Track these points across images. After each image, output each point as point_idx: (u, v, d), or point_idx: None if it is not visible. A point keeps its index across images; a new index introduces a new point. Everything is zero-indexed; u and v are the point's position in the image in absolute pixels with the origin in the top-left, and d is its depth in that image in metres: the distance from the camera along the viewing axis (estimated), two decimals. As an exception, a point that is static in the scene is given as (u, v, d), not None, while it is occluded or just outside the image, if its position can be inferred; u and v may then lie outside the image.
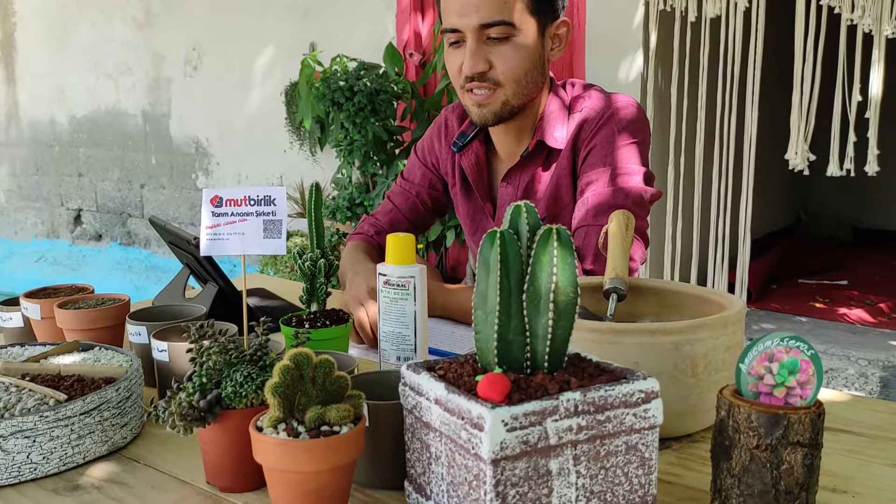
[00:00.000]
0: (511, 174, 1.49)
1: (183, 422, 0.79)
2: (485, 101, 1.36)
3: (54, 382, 0.97)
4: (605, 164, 1.39)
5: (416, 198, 1.63)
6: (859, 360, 3.14)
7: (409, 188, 1.64)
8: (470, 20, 1.31)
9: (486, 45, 1.33)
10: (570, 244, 0.72)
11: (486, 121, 1.40)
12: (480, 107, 1.37)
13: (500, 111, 1.38)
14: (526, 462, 0.67)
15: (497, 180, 1.54)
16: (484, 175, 1.54)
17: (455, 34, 1.34)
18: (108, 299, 1.27)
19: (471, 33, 1.32)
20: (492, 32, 1.32)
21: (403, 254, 1.08)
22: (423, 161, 1.64)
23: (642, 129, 1.44)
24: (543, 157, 1.46)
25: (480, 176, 1.53)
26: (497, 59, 1.34)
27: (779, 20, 3.44)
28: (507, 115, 1.39)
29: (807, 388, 0.72)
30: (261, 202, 0.92)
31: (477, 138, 1.52)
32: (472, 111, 1.40)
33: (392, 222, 1.63)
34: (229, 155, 5.10)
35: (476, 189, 1.53)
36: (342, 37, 4.35)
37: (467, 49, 1.33)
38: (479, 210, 1.57)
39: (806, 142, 3.12)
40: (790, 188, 5.52)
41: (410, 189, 1.64)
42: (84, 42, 5.67)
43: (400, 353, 1.10)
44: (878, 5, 2.89)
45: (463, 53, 1.34)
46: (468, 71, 1.34)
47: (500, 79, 1.35)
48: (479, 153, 1.52)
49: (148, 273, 5.35)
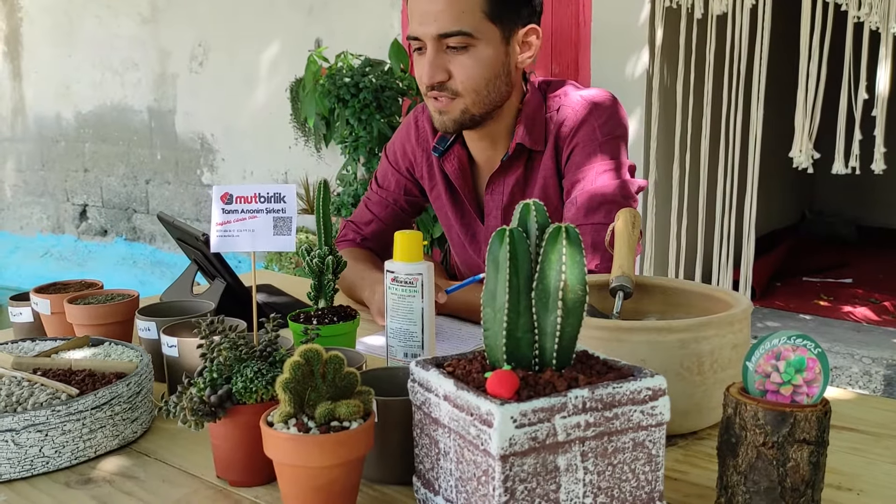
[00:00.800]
0: (494, 181, 1.48)
1: (194, 416, 0.80)
2: (444, 108, 1.37)
3: (65, 377, 0.97)
4: (590, 162, 1.39)
5: (395, 205, 1.63)
6: (863, 359, 3.14)
7: (385, 196, 1.63)
8: (428, 29, 1.31)
9: (444, 55, 1.33)
10: (579, 242, 0.72)
11: (446, 128, 1.40)
12: (441, 114, 1.38)
13: (460, 119, 1.38)
14: (534, 458, 0.68)
15: (479, 186, 1.54)
16: (469, 179, 1.53)
17: (416, 42, 1.35)
18: (118, 295, 1.27)
19: (430, 42, 1.32)
20: (450, 42, 1.32)
21: (411, 251, 1.09)
22: (396, 167, 1.63)
23: (622, 122, 1.45)
24: (524, 161, 1.46)
25: (466, 181, 1.52)
26: (456, 68, 1.33)
27: (785, 17, 3.44)
28: (468, 123, 1.39)
29: (813, 386, 0.73)
30: (271, 199, 0.93)
31: (458, 142, 1.51)
32: (435, 118, 1.41)
33: (375, 234, 1.63)
34: (234, 151, 5.11)
35: (463, 194, 1.53)
36: (347, 33, 4.36)
37: (426, 58, 1.33)
38: (470, 214, 1.56)
39: (811, 140, 3.11)
40: (794, 186, 5.52)
41: (388, 197, 1.63)
42: (90, 38, 5.69)
43: (407, 349, 1.11)
44: (885, 3, 2.88)
45: (424, 61, 1.35)
46: (426, 80, 1.34)
47: (459, 88, 1.35)
48: (462, 157, 1.51)
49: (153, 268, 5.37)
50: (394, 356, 1.12)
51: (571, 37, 3.73)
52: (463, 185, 1.52)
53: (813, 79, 3.08)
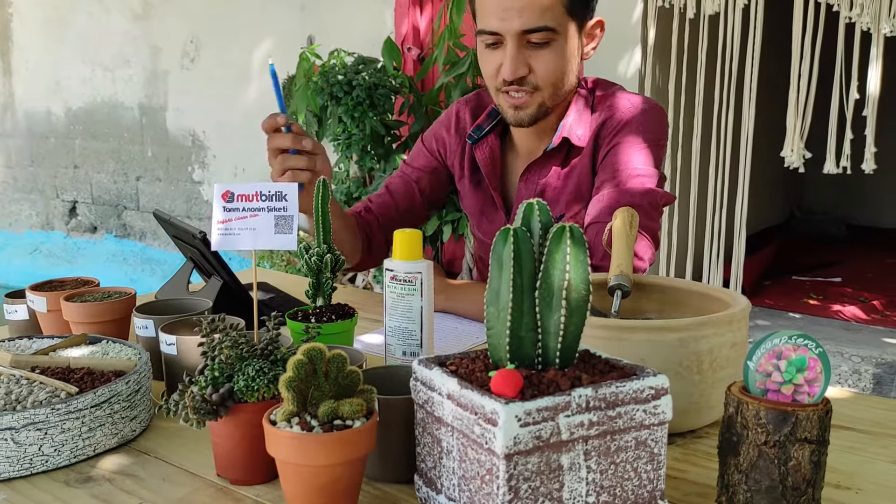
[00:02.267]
0: (531, 170, 1.49)
1: (196, 415, 0.80)
2: (522, 104, 1.36)
3: (64, 375, 0.97)
4: (622, 164, 1.39)
5: (416, 183, 1.62)
6: (852, 357, 3.16)
7: (409, 172, 1.63)
8: (511, 25, 1.29)
9: (525, 50, 1.32)
10: (583, 242, 0.72)
11: (521, 123, 1.39)
12: (517, 109, 1.37)
13: (537, 113, 1.38)
14: (538, 457, 0.68)
15: (510, 176, 1.54)
16: (498, 168, 1.53)
17: (493, 37, 1.33)
18: (114, 293, 1.27)
19: (512, 38, 1.30)
20: (533, 38, 1.31)
21: (411, 249, 1.09)
22: (430, 149, 1.63)
23: (662, 132, 1.44)
24: (563, 155, 1.46)
25: (494, 168, 1.53)
26: (537, 63, 1.33)
27: (777, 18, 3.46)
28: (542, 117, 1.40)
29: (815, 386, 0.73)
30: (272, 198, 0.92)
31: (493, 132, 1.52)
32: (508, 113, 1.39)
33: (382, 204, 1.61)
34: (226, 148, 5.09)
35: (488, 180, 1.53)
36: (340, 31, 4.35)
37: (508, 54, 1.31)
38: (489, 202, 1.57)
39: (802, 139, 3.13)
40: (785, 185, 5.54)
41: (411, 174, 1.63)
42: (81, 33, 5.65)
43: (406, 347, 1.11)
44: (877, 4, 2.90)
45: (500, 56, 1.33)
46: (508, 76, 1.32)
47: (539, 83, 1.35)
48: (494, 147, 1.52)
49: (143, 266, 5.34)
50: (392, 354, 1.12)
51: (564, 35, 3.72)
52: (490, 173, 1.52)
53: (804, 79, 3.10)
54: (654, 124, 1.43)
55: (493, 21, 1.31)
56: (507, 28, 1.30)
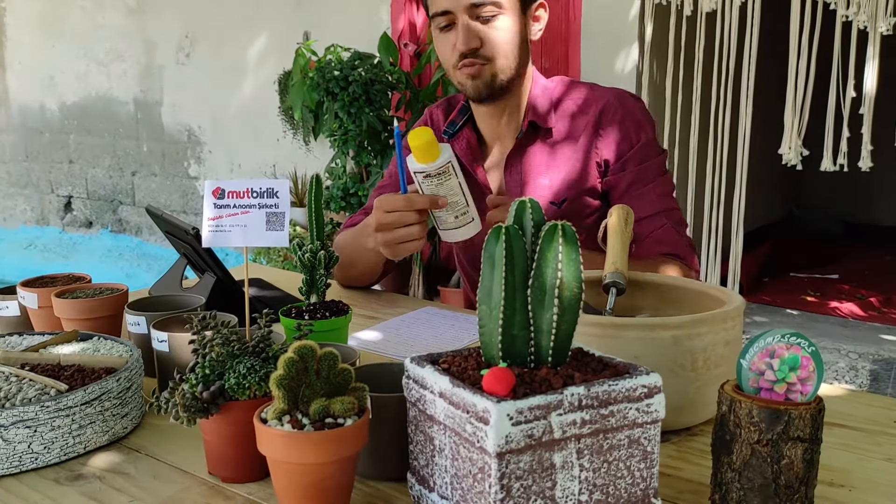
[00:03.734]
0: (512, 161, 1.55)
1: (187, 413, 0.80)
2: (477, 73, 1.44)
3: (54, 372, 0.96)
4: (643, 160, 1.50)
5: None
6: (850, 354, 3.16)
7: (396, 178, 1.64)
8: (461, 1, 1.40)
9: (475, 24, 1.41)
10: (576, 240, 0.72)
11: (479, 93, 1.47)
12: (474, 79, 1.45)
13: (492, 83, 1.45)
14: (530, 455, 0.68)
15: (489, 167, 1.59)
16: (478, 155, 1.59)
17: (446, 17, 1.43)
18: (106, 289, 1.26)
19: (462, 13, 1.41)
20: (481, 12, 1.41)
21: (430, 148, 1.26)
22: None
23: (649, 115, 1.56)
24: (539, 140, 1.53)
25: (474, 155, 1.58)
26: (487, 36, 1.42)
27: (774, 15, 3.45)
28: (497, 90, 1.47)
29: (807, 384, 0.73)
30: (264, 194, 0.92)
31: (466, 126, 1.59)
32: (467, 85, 1.47)
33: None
34: (222, 143, 5.08)
35: (471, 167, 1.57)
36: (336, 26, 4.34)
37: (459, 28, 1.42)
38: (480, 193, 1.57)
39: (799, 137, 3.13)
40: (782, 182, 5.54)
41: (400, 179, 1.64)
42: (75, 28, 5.63)
43: (457, 213, 1.31)
44: (874, 2, 2.90)
45: (454, 36, 1.43)
46: (462, 47, 1.42)
47: (490, 54, 1.43)
48: (471, 138, 1.59)
49: (139, 261, 5.33)
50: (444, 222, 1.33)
51: (561, 32, 3.72)
52: (472, 163, 1.58)
53: (802, 76, 3.09)
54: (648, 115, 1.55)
55: (443, 1, 1.42)
56: (456, 4, 1.41)
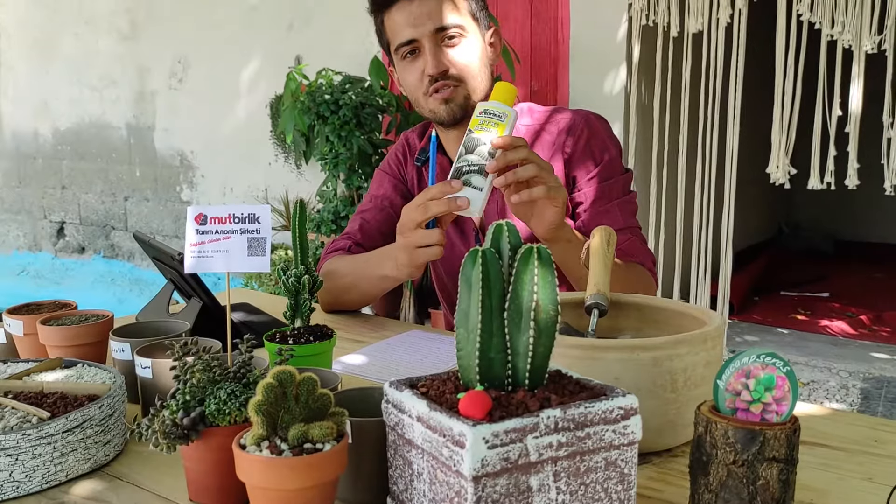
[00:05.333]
0: None
1: (166, 440, 0.80)
2: (450, 96, 1.46)
3: (37, 400, 0.96)
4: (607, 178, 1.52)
5: (390, 208, 1.64)
6: (840, 372, 3.16)
7: (380, 201, 1.66)
8: (425, 28, 1.42)
9: (442, 48, 1.44)
10: (551, 262, 0.73)
11: (454, 115, 1.48)
12: (448, 102, 1.46)
13: (465, 104, 1.47)
14: (507, 479, 0.68)
15: None
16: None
17: (410, 45, 1.44)
18: (92, 315, 1.26)
19: (428, 39, 1.43)
20: (446, 35, 1.43)
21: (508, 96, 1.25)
22: (391, 173, 1.68)
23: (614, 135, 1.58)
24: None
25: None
26: (454, 58, 1.44)
27: (760, 35, 3.49)
28: (470, 111, 1.46)
29: (783, 405, 0.73)
30: (245, 220, 0.92)
31: (438, 151, 1.58)
32: (440, 111, 1.47)
33: (368, 234, 1.63)
34: (214, 167, 5.10)
35: None
36: (328, 50, 4.37)
37: (427, 53, 1.43)
38: (462, 219, 1.59)
39: (787, 155, 3.15)
40: (772, 201, 5.57)
41: (382, 201, 1.65)
42: (68, 54, 5.66)
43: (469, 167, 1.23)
44: (858, 21, 2.93)
45: (420, 62, 1.45)
46: (433, 70, 1.43)
47: (461, 75, 1.45)
48: (443, 163, 1.58)
49: (131, 286, 5.32)
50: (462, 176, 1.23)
51: (550, 54, 3.76)
52: None
53: (788, 96, 3.12)
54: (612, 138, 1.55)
55: (407, 31, 1.44)
56: (422, 32, 1.42)
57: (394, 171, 1.68)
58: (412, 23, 1.43)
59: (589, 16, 3.60)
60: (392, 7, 1.45)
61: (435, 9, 1.43)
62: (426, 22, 1.42)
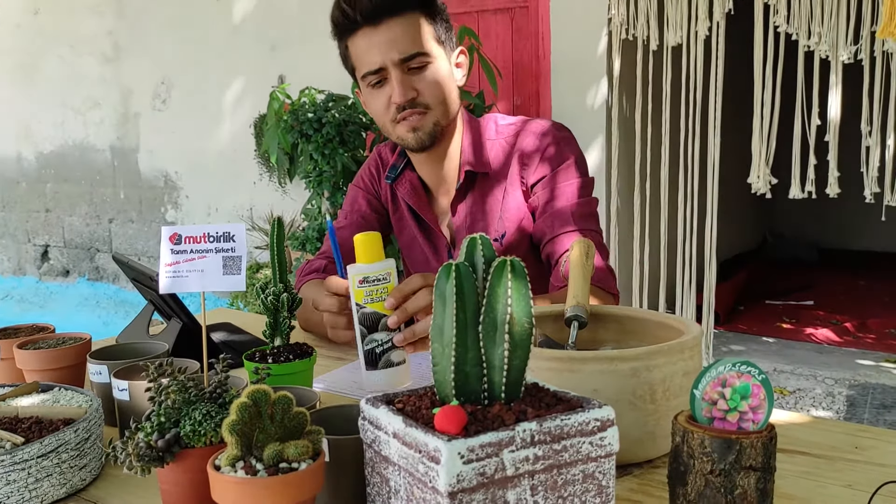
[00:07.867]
0: (456, 206, 1.57)
1: (140, 462, 0.79)
2: (418, 124, 1.45)
3: (11, 425, 0.95)
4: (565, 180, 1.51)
5: (364, 223, 1.64)
6: (826, 380, 3.17)
7: (355, 218, 1.65)
8: (391, 55, 1.40)
9: (408, 76, 1.42)
10: (525, 275, 0.72)
11: (422, 143, 1.47)
12: (416, 131, 1.46)
13: (433, 131, 1.46)
14: (483, 494, 0.68)
15: (435, 206, 1.61)
16: (423, 198, 1.60)
17: (377, 74, 1.43)
18: (69, 338, 1.25)
19: (394, 67, 1.41)
20: (412, 63, 1.42)
21: (375, 249, 1.16)
22: (365, 188, 1.69)
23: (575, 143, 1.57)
24: (476, 185, 1.55)
25: (421, 200, 1.59)
26: (421, 85, 1.43)
27: (738, 47, 3.52)
28: (438, 136, 1.48)
29: (759, 413, 0.73)
30: (220, 238, 0.92)
31: (408, 167, 1.60)
32: (409, 138, 1.47)
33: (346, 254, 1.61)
34: (199, 188, 5.08)
35: (421, 213, 1.58)
36: (310, 69, 4.38)
37: (394, 81, 1.41)
38: (435, 233, 1.60)
39: (767, 165, 3.18)
40: (755, 211, 5.61)
41: (357, 217, 1.65)
42: (52, 77, 5.65)
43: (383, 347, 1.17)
44: (834, 32, 2.97)
45: (387, 90, 1.43)
46: (399, 98, 1.41)
47: (428, 102, 1.44)
48: (413, 179, 1.59)
49: (116, 308, 5.29)
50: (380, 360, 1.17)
51: (532, 69, 3.78)
52: (418, 204, 1.59)
53: (767, 106, 3.15)
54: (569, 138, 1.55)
55: (373, 58, 1.41)
56: (388, 59, 1.40)
57: (367, 185, 1.69)
58: (379, 49, 1.40)
59: (569, 31, 3.62)
60: (356, 33, 1.42)
61: (399, 36, 1.40)
62: (392, 49, 1.40)
